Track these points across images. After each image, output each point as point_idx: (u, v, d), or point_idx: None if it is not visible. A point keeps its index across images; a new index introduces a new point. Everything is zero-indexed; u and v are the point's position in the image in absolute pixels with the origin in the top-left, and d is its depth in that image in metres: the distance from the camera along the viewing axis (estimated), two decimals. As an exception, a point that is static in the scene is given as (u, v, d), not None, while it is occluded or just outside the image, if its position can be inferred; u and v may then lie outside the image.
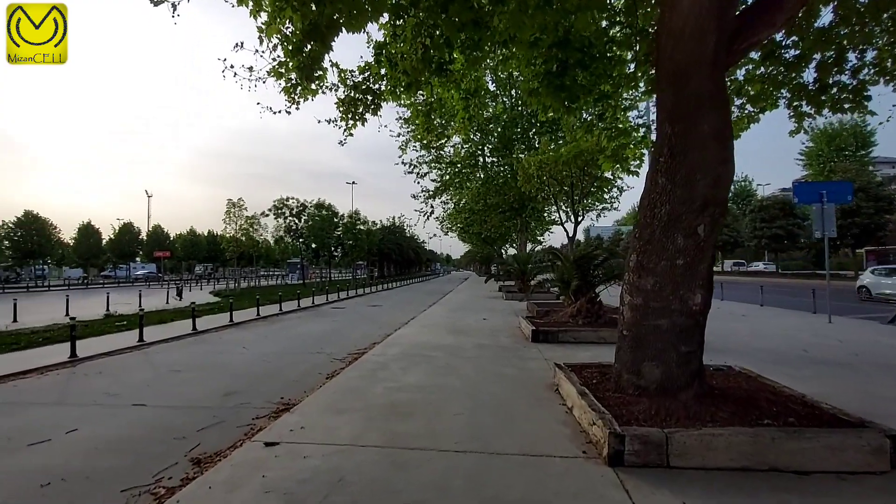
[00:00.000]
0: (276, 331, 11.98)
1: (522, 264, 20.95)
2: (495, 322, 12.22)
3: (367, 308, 18.37)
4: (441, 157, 25.37)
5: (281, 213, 31.98)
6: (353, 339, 10.50)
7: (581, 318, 9.83)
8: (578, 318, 9.86)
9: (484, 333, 10.12)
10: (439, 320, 12.65)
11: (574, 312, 9.97)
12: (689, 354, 4.19)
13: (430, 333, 10.21)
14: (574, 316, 9.94)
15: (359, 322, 13.73)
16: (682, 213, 3.90)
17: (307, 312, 16.76)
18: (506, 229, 34.09)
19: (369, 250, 40.77)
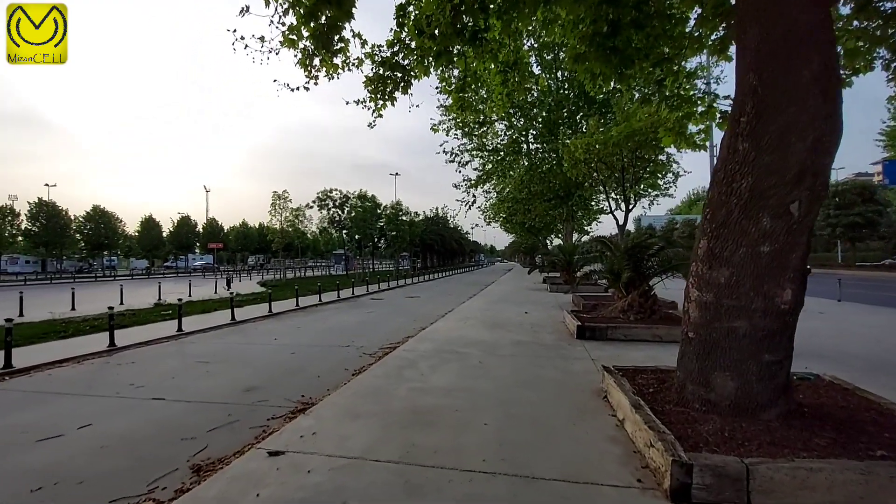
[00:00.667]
0: (311, 322, 11.81)
1: (568, 255, 19.93)
2: (537, 316, 11.47)
3: (404, 300, 18.05)
4: (483, 145, 24.58)
5: (325, 204, 32.34)
6: (387, 332, 10.10)
7: (632, 314, 8.93)
8: (629, 313, 8.96)
9: (524, 329, 9.42)
10: (477, 314, 12.04)
11: (625, 307, 9.08)
12: (774, 365, 3.38)
13: (467, 328, 9.63)
14: (625, 311, 9.05)
15: (394, 314, 13.37)
16: (770, 186, 3.08)
17: (345, 303, 16.63)
18: (551, 219, 32.83)
19: (411, 241, 40.62)
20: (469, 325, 9.91)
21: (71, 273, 46.16)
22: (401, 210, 38.40)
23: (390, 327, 10.70)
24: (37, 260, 52.28)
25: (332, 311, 14.08)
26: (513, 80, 7.25)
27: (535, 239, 48.86)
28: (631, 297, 9.00)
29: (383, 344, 8.69)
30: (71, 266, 54.74)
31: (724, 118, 6.07)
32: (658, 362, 6.26)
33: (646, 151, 12.12)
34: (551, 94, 21.60)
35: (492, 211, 30.76)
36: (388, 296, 19.86)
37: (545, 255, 23.15)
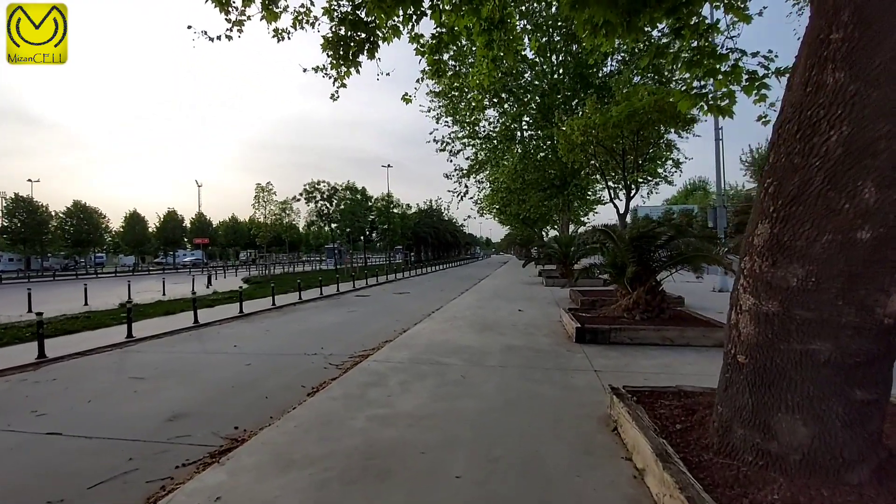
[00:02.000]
0: (283, 324, 10.74)
1: (565, 247, 18.90)
2: (532, 315, 10.44)
3: (391, 296, 16.99)
4: (475, 132, 23.42)
5: (312, 197, 31.14)
6: (363, 335, 9.05)
7: (638, 313, 7.90)
8: (635, 312, 7.94)
9: (517, 331, 8.39)
10: (467, 312, 11.00)
11: (629, 305, 8.06)
12: (868, 406, 2.33)
13: (453, 330, 8.59)
14: (629, 309, 8.03)
15: (378, 313, 12.31)
16: (880, 137, 2.01)
17: (327, 301, 15.55)
18: (546, 209, 31.77)
19: (403, 234, 39.52)
20: (456, 327, 8.87)
21: (54, 271, 44.77)
22: (391, 202, 37.23)
23: (369, 330, 9.64)
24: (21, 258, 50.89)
25: (310, 311, 13.00)
26: (499, 41, 6.14)
27: (530, 231, 47.88)
28: (636, 293, 7.97)
29: (356, 351, 7.65)
30: (56, 264, 53.38)
31: (751, 80, 4.98)
32: (673, 374, 5.24)
33: (648, 133, 11.05)
34: (545, 78, 20.44)
35: (486, 202, 29.70)
36: (376, 292, 18.79)
37: (541, 248, 22.12)
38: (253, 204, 27.47)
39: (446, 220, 66.17)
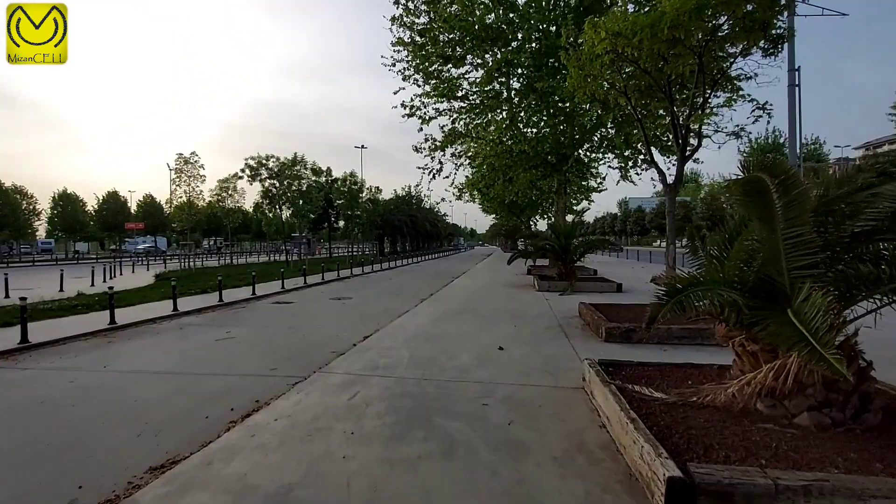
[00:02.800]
0: (58, 377, 5.68)
1: (564, 238, 14.07)
2: (521, 364, 5.59)
3: (318, 306, 11.97)
4: (451, 90, 18.26)
5: (257, 174, 25.76)
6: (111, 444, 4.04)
7: (841, 412, 3.04)
8: (837, 412, 3.06)
9: (489, 436, 3.48)
10: (402, 356, 6.08)
11: (822, 398, 3.17)
12: None
13: (347, 418, 3.66)
14: (820, 407, 3.14)
15: (251, 349, 7.31)
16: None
17: (219, 313, 10.50)
18: (536, 194, 26.93)
19: (372, 222, 34.37)
20: (349, 416, 3.93)
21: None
22: (356, 182, 31.95)
23: (166, 412, 4.62)
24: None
25: (167, 335, 7.95)
26: None
27: (516, 220, 43.03)
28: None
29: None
30: None
31: None
32: None
33: (737, 38, 6.20)
34: (541, 12, 15.41)
35: (466, 183, 24.71)
36: (308, 297, 13.74)
37: (531, 240, 17.28)
38: (173, 179, 22.00)
39: (426, 209, 61.10)
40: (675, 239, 7.66)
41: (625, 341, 6.59)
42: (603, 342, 6.64)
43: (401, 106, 19.65)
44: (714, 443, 2.80)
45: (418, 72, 18.67)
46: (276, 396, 4.48)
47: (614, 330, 6.64)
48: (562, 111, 17.07)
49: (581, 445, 3.24)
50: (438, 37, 17.27)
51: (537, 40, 16.05)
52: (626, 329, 6.61)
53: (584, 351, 6.11)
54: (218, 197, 28.11)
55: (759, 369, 3.22)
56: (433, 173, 20.71)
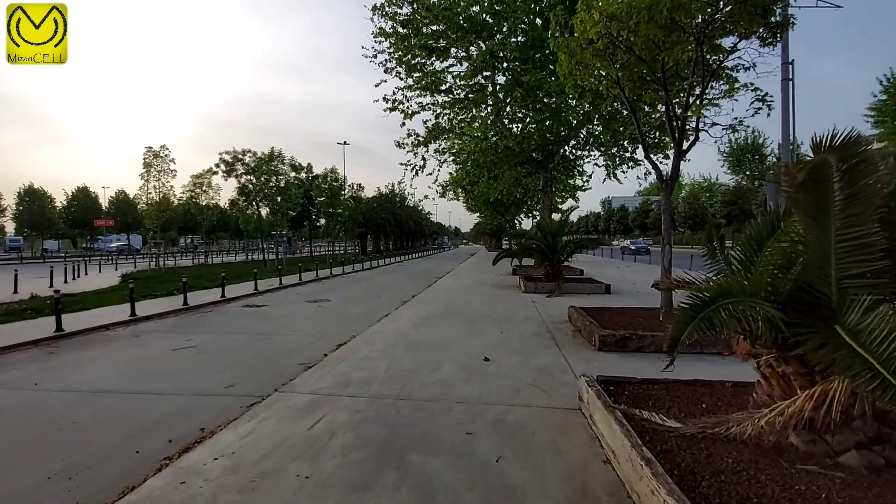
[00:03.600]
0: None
1: (551, 237, 13.59)
2: (511, 376, 5.04)
3: (295, 308, 11.27)
4: (435, 83, 17.62)
5: (233, 169, 24.72)
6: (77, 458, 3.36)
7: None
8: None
9: (480, 486, 2.91)
10: (378, 367, 5.47)
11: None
12: None
13: (304, 455, 3.04)
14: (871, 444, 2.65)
15: (212, 359, 6.62)
16: None
17: (183, 317, 9.73)
18: (521, 194, 26.52)
19: (354, 220, 33.54)
20: (318, 433, 3.32)
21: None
22: (337, 180, 31.08)
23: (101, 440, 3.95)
24: None
25: (118, 343, 7.19)
26: None
27: (500, 219, 42.64)
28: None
29: None
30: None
31: None
32: None
33: (740, 19, 5.75)
34: (528, 3, 14.89)
35: (450, 180, 24.16)
36: (284, 298, 13.00)
37: (516, 238, 16.76)
38: (141, 174, 20.89)
39: (410, 207, 60.38)
40: (672, 238, 7.20)
41: (620, 350, 6.09)
42: (597, 351, 6.14)
43: (383, 100, 18.97)
44: (752, 494, 2.27)
45: (401, 64, 18.01)
46: (226, 424, 3.83)
47: (609, 338, 6.13)
48: (548, 107, 16.61)
49: (585, 490, 2.69)
50: (422, 28, 16.64)
51: (523, 32, 15.54)
52: (622, 337, 6.12)
53: (578, 362, 5.59)
54: (191, 193, 26.91)
55: (794, 396, 2.71)
56: (416, 170, 20.10)
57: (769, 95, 7.34)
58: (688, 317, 2.45)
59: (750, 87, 6.93)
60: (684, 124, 6.93)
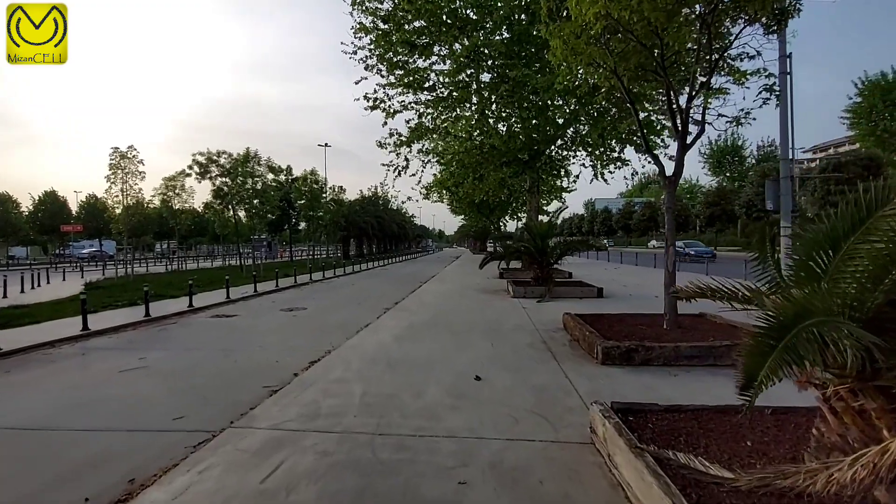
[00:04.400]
0: None
1: (539, 239, 13.02)
2: (513, 405, 4.37)
3: (268, 318, 10.47)
4: (419, 77, 16.92)
5: (207, 171, 23.63)
6: None
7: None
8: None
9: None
10: (353, 391, 4.76)
11: None
12: None
13: None
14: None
15: (145, 395, 5.84)
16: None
17: (140, 332, 8.85)
18: (506, 196, 26.02)
19: (336, 223, 32.62)
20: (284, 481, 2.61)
21: None
22: (317, 182, 30.14)
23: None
24: None
25: (60, 364, 6.32)
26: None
27: (485, 221, 42.08)
28: None
29: None
30: None
31: None
32: None
33: (752, 2, 5.22)
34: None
35: (433, 182, 23.48)
36: (255, 307, 12.15)
37: (502, 241, 16.16)
38: (107, 176, 19.72)
39: (393, 210, 59.53)
40: (675, 239, 6.65)
41: (625, 363, 5.49)
42: (600, 364, 5.53)
43: (363, 98, 18.21)
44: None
45: (382, 61, 17.26)
46: (161, 473, 3.08)
47: (612, 350, 5.53)
48: (534, 105, 16.10)
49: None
50: (403, 24, 15.96)
51: (509, 27, 14.98)
52: (627, 349, 5.51)
53: (581, 379, 4.96)
54: (163, 196, 25.71)
55: (882, 441, 2.10)
56: (398, 170, 19.36)
57: (776, 84, 6.84)
58: (764, 346, 1.83)
59: (763, 72, 6.41)
60: (688, 115, 6.39)
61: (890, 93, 46.36)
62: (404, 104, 18.23)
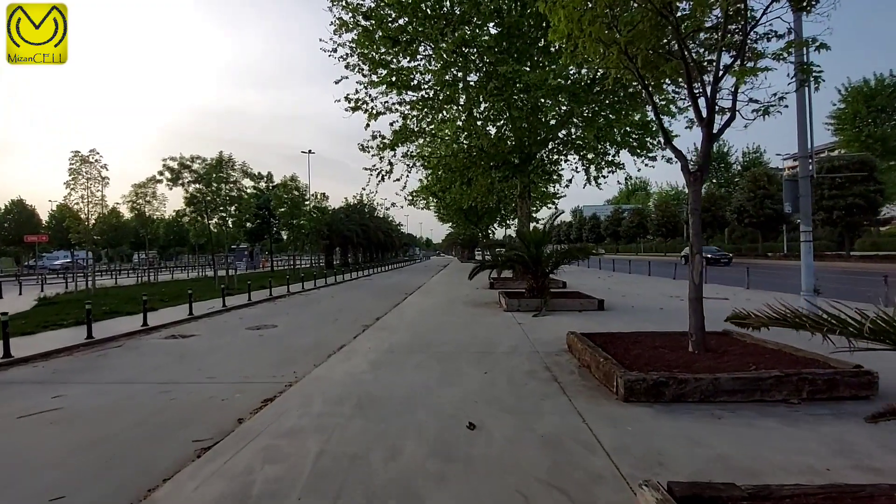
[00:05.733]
0: None
1: (534, 247, 11.97)
2: (520, 471, 3.23)
3: (224, 341, 9.25)
4: (403, 77, 15.87)
5: (178, 177, 22.24)
6: None
7: None
8: None
9: None
10: (313, 450, 3.60)
11: None
12: None
13: None
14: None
15: (31, 456, 4.62)
16: None
17: (82, 355, 7.56)
18: (494, 203, 25.03)
19: (318, 231, 31.32)
20: None
21: None
22: (297, 188, 28.86)
23: None
24: None
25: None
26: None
27: (473, 229, 41.09)
28: None
29: None
30: None
31: None
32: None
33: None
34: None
35: (419, 188, 22.43)
36: (220, 325, 10.88)
37: (492, 248, 15.09)
38: (67, 182, 18.24)
39: (379, 218, 58.32)
40: (702, 246, 5.64)
41: (654, 400, 4.42)
42: (621, 402, 4.45)
43: (345, 99, 17.10)
44: None
45: (364, 60, 16.17)
46: None
47: (638, 384, 4.45)
48: (525, 105, 15.18)
49: None
50: (386, 21, 14.91)
51: (499, 18, 14.02)
52: (656, 382, 4.44)
53: (604, 426, 3.88)
54: (132, 204, 24.23)
55: None
56: (382, 175, 18.25)
57: (815, 65, 5.92)
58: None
59: (812, 43, 5.44)
60: (714, 99, 5.41)
61: (873, 99, 46.88)
62: (388, 105, 17.18)
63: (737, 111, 5.52)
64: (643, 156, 16.78)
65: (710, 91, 5.41)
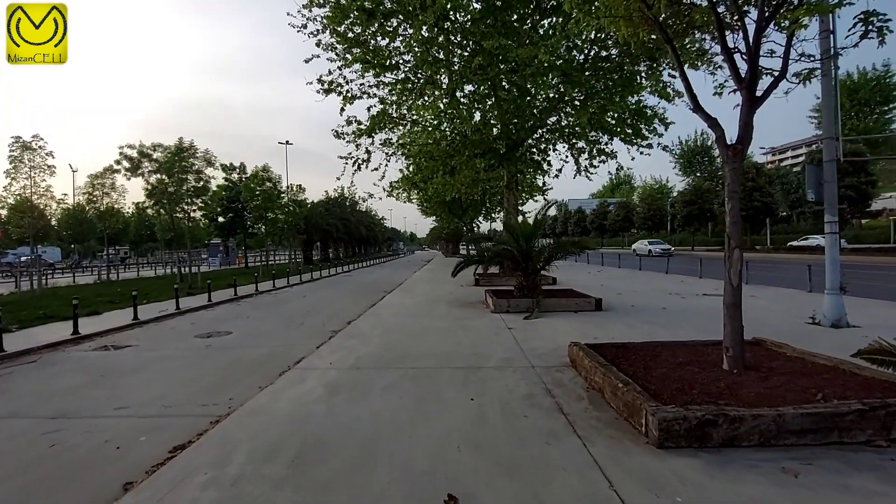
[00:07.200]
0: None
1: (524, 241, 10.80)
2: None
3: (163, 352, 7.88)
4: (380, 56, 14.47)
5: (137, 166, 20.48)
6: None
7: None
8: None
9: None
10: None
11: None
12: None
13: None
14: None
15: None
16: None
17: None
18: (479, 195, 23.89)
19: (295, 225, 29.75)
20: None
21: None
22: (270, 179, 27.23)
23: None
24: None
25: None
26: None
27: (457, 222, 39.89)
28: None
29: None
30: None
31: None
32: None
33: None
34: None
35: (400, 179, 21.06)
36: (165, 332, 9.48)
37: (478, 242, 13.91)
38: (7, 171, 16.43)
39: (361, 212, 56.75)
40: (741, 239, 4.50)
41: (700, 446, 3.27)
42: (655, 448, 3.29)
43: (317, 81, 15.68)
44: None
45: (338, 38, 14.71)
46: None
47: (677, 424, 3.29)
48: (512, 87, 13.99)
49: None
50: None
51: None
52: (701, 421, 3.29)
53: (638, 492, 2.71)
54: (88, 196, 22.38)
55: None
56: (358, 164, 16.88)
57: (885, 15, 4.79)
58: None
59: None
60: (758, 51, 4.26)
61: (856, 92, 47.02)
62: (364, 89, 15.77)
63: (787, 69, 4.38)
64: (637, 144, 15.75)
65: (752, 40, 4.25)
